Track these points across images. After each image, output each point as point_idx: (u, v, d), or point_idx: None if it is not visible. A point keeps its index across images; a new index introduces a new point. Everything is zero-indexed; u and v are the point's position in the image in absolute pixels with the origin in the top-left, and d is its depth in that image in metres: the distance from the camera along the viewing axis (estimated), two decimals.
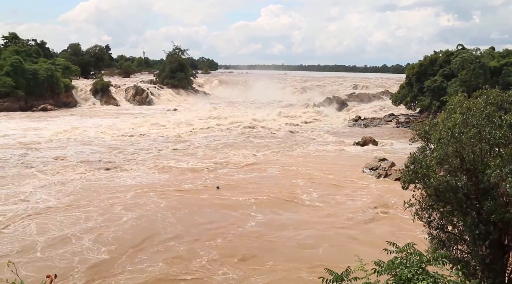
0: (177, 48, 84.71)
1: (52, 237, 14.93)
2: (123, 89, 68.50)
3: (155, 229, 15.98)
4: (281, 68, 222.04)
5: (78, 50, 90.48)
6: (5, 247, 13.81)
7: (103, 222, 16.50)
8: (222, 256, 14.00)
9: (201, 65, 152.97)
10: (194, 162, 26.63)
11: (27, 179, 21.82)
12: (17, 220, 16.24)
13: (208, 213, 17.93)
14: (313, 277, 11.64)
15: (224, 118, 46.74)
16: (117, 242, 14.71)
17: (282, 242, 15.35)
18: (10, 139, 32.54)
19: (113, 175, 23.34)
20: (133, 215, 17.29)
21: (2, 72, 53.13)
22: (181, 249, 14.43)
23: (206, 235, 15.64)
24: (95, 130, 37.52)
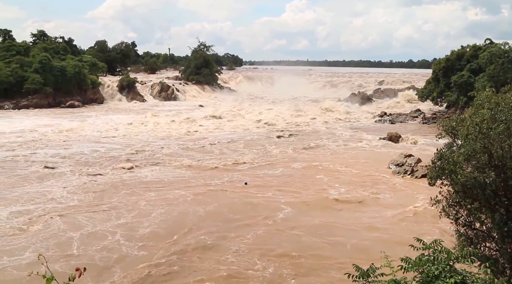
0: (202, 45, 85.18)
1: (86, 233, 15.09)
2: (148, 85, 69.02)
3: (186, 224, 16.09)
4: (306, 64, 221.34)
5: (105, 47, 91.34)
6: (40, 244, 13.93)
7: (134, 217, 16.67)
8: (253, 249, 14.12)
9: (226, 61, 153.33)
10: (219, 158, 26.70)
11: (52, 176, 22.04)
12: (48, 217, 16.37)
13: (237, 208, 18.02)
14: (341, 273, 11.61)
15: (248, 114, 46.79)
16: (151, 237, 14.85)
17: (310, 236, 15.37)
18: (39, 135, 33.08)
19: (136, 171, 23.45)
20: (162, 210, 17.42)
21: (31, 69, 53.97)
22: (213, 243, 14.55)
23: (236, 229, 15.75)
24: (122, 127, 38.00)
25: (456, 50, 49.36)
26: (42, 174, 22.40)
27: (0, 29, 74.42)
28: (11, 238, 14.41)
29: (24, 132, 34.31)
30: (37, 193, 19.17)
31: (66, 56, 62.21)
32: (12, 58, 56.74)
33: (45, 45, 62.37)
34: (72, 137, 32.78)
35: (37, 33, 71.47)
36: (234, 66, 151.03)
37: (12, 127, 36.85)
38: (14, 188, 19.76)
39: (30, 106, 51.95)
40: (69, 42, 73.36)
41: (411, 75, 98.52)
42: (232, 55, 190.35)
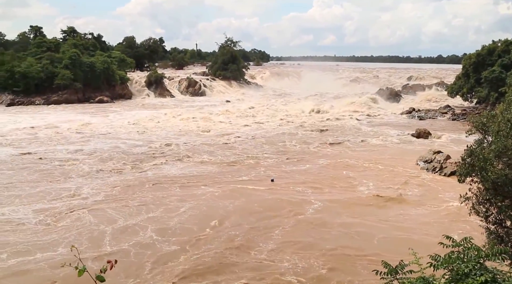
0: (229, 40, 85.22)
1: (117, 228, 15.24)
2: (176, 81, 69.49)
3: (216, 219, 16.15)
4: (333, 60, 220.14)
5: (133, 43, 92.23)
6: (72, 239, 14.02)
7: (163, 212, 16.79)
8: (283, 243, 14.22)
9: (253, 57, 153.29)
10: (244, 154, 26.74)
11: (74, 172, 22.20)
12: (77, 213, 16.53)
13: (265, 203, 18.03)
14: (370, 268, 11.56)
15: (273, 110, 46.80)
16: (183, 233, 14.94)
17: (338, 230, 15.40)
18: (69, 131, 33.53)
19: (160, 167, 23.52)
20: (190, 205, 17.52)
21: (61, 65, 54.84)
22: (244, 238, 14.63)
23: (266, 224, 15.81)
24: (151, 122, 38.36)
25: (487, 45, 48.44)
26: (65, 169, 22.54)
27: (32, 26, 75.86)
28: (42, 234, 14.53)
29: (46, 128, 34.70)
30: (62, 189, 19.28)
31: (95, 52, 63.02)
32: (43, 55, 57.73)
33: (75, 42, 63.25)
34: (96, 133, 33.18)
35: (67, 30, 72.40)
36: (261, 62, 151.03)
37: (35, 123, 37.57)
38: (37, 184, 19.87)
39: (60, 102, 52.85)
40: (98, 39, 74.18)
41: (440, 70, 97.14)
42: (259, 51, 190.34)
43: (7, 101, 51.67)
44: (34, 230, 14.81)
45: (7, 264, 12.42)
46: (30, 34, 77.45)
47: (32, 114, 43.95)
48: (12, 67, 52.97)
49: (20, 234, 14.42)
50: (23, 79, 52.65)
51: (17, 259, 12.68)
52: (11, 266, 12.35)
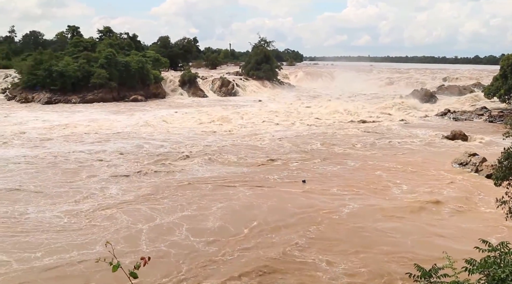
0: (263, 40, 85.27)
1: (152, 226, 15.29)
2: (209, 80, 69.85)
3: (250, 218, 16.16)
4: (367, 60, 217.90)
5: (167, 43, 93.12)
6: (108, 238, 13.98)
7: (195, 211, 16.87)
8: (318, 243, 14.18)
9: (286, 57, 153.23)
10: (274, 154, 26.65)
11: (100, 171, 22.22)
12: (110, 211, 16.63)
13: (299, 203, 17.94)
14: (401, 272, 11.47)
15: (305, 110, 46.60)
16: (217, 232, 14.99)
17: (373, 231, 15.28)
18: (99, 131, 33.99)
19: (188, 166, 23.43)
20: (222, 204, 17.55)
21: (97, 64, 55.77)
22: (279, 237, 14.61)
23: (300, 224, 15.75)
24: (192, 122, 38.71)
25: None
26: (91, 169, 22.53)
27: (69, 26, 77.53)
28: (77, 233, 14.60)
29: (74, 127, 35.01)
30: (89, 188, 19.27)
31: (130, 52, 63.91)
32: (80, 54, 58.89)
33: (111, 41, 64.23)
34: (124, 132, 33.39)
35: (103, 30, 73.62)
36: (295, 62, 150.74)
37: (62, 121, 38.26)
38: (64, 184, 19.90)
39: (95, 101, 53.75)
40: (133, 38, 75.15)
41: (477, 71, 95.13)
42: (293, 51, 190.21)
43: (45, 100, 52.85)
44: (68, 229, 14.90)
45: (43, 263, 12.53)
46: (68, 33, 79.24)
47: (62, 112, 44.84)
48: (50, 66, 54.13)
49: (54, 234, 14.49)
50: (60, 78, 53.74)
51: (53, 258, 12.77)
52: (47, 264, 12.44)
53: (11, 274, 11.87)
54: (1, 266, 12.23)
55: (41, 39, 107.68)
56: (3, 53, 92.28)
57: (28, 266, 12.29)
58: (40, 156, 24.98)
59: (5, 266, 12.21)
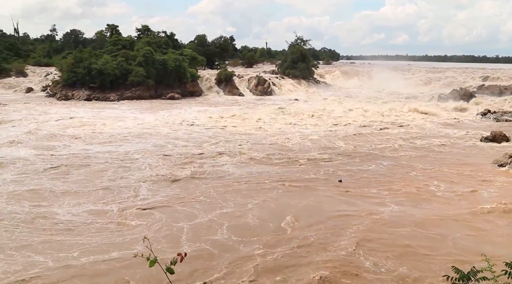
0: (299, 39, 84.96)
1: (191, 225, 15.26)
2: (245, 79, 69.89)
3: (285, 217, 16.04)
4: (405, 59, 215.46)
5: (204, 41, 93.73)
6: (151, 237, 13.40)
7: (233, 208, 16.87)
8: (358, 241, 14.06)
9: (323, 56, 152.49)
10: (305, 153, 26.45)
11: (127, 171, 21.94)
12: (146, 211, 16.59)
13: (336, 203, 17.80)
14: (441, 274, 11.26)
15: (340, 109, 46.21)
16: (256, 230, 14.96)
17: (413, 232, 15.06)
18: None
19: (218, 165, 23.24)
20: (258, 202, 17.53)
21: (135, 62, 56.55)
22: (317, 236, 14.52)
23: (338, 223, 15.62)
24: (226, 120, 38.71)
25: None
26: (119, 168, 22.31)
27: (108, 25, 79.05)
28: (115, 233, 14.54)
29: (105, 125, 35.06)
30: (120, 188, 19.08)
31: (168, 50, 64.53)
32: (118, 52, 59.86)
33: (149, 40, 65.06)
34: (155, 130, 33.47)
35: (141, 28, 74.67)
36: (331, 60, 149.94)
37: (92, 118, 38.78)
38: (92, 183, 19.75)
39: (133, 98, 54.49)
40: (171, 37, 75.97)
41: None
42: (329, 49, 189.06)
43: (84, 97, 53.96)
44: (103, 229, 14.85)
45: (80, 262, 12.54)
46: (107, 32, 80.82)
47: (96, 110, 45.59)
48: (89, 64, 55.13)
49: (88, 234, 14.46)
50: (99, 75, 54.68)
51: (89, 258, 12.75)
52: (84, 263, 12.44)
53: (48, 273, 11.90)
54: (37, 265, 12.25)
55: (81, 37, 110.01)
56: (45, 51, 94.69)
57: (64, 265, 12.27)
58: (63, 155, 24.90)
59: (41, 265, 12.23)
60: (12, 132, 31.32)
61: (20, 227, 14.84)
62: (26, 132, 31.12)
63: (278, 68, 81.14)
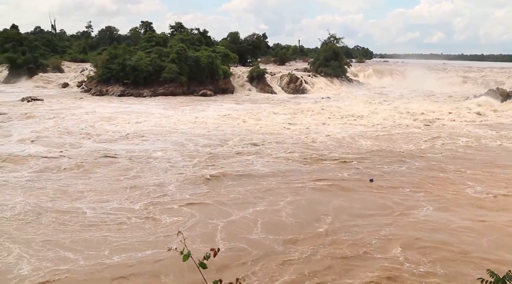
0: (332, 37, 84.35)
1: (225, 223, 15.23)
2: (277, 76, 69.70)
3: (319, 216, 16.03)
4: (440, 58, 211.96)
5: (237, 39, 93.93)
6: (186, 234, 13.43)
7: (266, 206, 16.85)
8: (394, 242, 13.98)
9: (356, 54, 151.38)
10: (340, 151, 26.34)
11: (152, 169, 21.59)
12: (176, 208, 16.58)
13: (368, 203, 17.66)
14: (475, 275, 11.09)
15: (372, 108, 45.74)
16: (293, 229, 14.87)
17: (448, 231, 14.93)
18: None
19: (246, 162, 23.17)
20: (289, 200, 17.48)
21: (168, 59, 57.02)
22: (351, 236, 14.40)
23: (371, 223, 15.49)
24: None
25: None
26: (143, 165, 22.17)
27: (143, 21, 79.88)
28: (148, 231, 14.45)
29: (137, 123, 34.89)
30: (147, 185, 18.92)
31: (201, 47, 64.81)
32: (152, 49, 60.49)
33: (182, 37, 65.43)
34: (183, 126, 33.54)
35: (175, 25, 75.13)
36: (364, 59, 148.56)
37: (121, 114, 39.19)
38: (118, 181, 19.57)
39: (166, 94, 55.08)
40: (204, 34, 76.18)
41: None
42: (362, 47, 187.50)
43: (118, 93, 54.88)
44: (133, 227, 14.77)
45: (112, 260, 12.44)
46: (141, 29, 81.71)
47: (126, 105, 46.15)
48: (123, 60, 55.90)
49: (117, 231, 14.36)
50: (133, 72, 55.41)
51: (121, 256, 12.69)
52: (117, 262, 12.38)
53: (80, 270, 11.89)
54: (68, 262, 12.25)
55: (116, 34, 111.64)
56: (80, 47, 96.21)
57: (95, 262, 12.29)
58: (86, 151, 24.85)
59: (73, 262, 12.25)
60: (38, 127, 31.84)
61: (46, 224, 14.88)
62: (51, 128, 31.61)
63: (311, 66, 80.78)
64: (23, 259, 12.36)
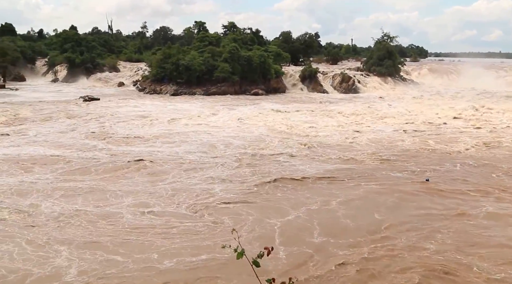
0: (386, 35, 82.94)
1: (284, 222, 15.14)
2: (330, 76, 69.12)
3: (375, 217, 15.82)
4: (498, 56, 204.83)
5: (289, 38, 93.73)
6: (244, 239, 13.37)
7: (319, 206, 16.72)
8: (455, 244, 13.66)
9: (410, 53, 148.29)
10: (393, 150, 25.90)
11: (198, 171, 21.19)
12: (229, 209, 16.39)
13: (423, 203, 17.31)
14: None
15: (424, 108, 44.69)
16: (351, 231, 14.66)
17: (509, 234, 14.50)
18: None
19: (290, 163, 22.82)
20: (341, 200, 17.30)
21: (220, 58, 57.59)
22: (413, 240, 14.06)
23: (428, 225, 15.16)
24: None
25: None
26: (180, 167, 21.73)
27: (196, 21, 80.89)
28: (198, 235, 14.05)
29: (185, 124, 34.55)
30: (190, 188, 18.49)
31: (253, 47, 65.10)
32: (205, 48, 61.23)
33: (235, 36, 65.90)
34: (228, 127, 33.55)
35: (227, 25, 75.79)
36: (419, 58, 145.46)
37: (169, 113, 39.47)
38: (156, 183, 19.13)
39: (218, 94, 55.77)
40: (256, 33, 76.40)
41: None
42: (417, 46, 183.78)
43: (171, 92, 56.07)
44: (182, 230, 14.39)
45: (163, 265, 12.14)
46: (194, 29, 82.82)
47: (178, 103, 46.95)
48: (177, 60, 56.92)
49: (165, 235, 13.96)
50: (186, 71, 56.34)
51: (173, 260, 12.34)
52: (169, 266, 12.09)
53: (130, 274, 11.71)
54: (118, 265, 12.09)
55: (170, 34, 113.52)
56: (136, 48, 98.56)
57: (145, 266, 12.05)
58: (128, 153, 24.71)
59: (122, 265, 12.06)
60: (79, 128, 32.10)
61: (90, 226, 14.58)
62: (98, 127, 32.19)
63: (363, 65, 79.75)
64: (72, 261, 12.21)
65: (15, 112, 38.14)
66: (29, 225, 14.64)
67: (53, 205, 16.39)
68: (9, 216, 15.26)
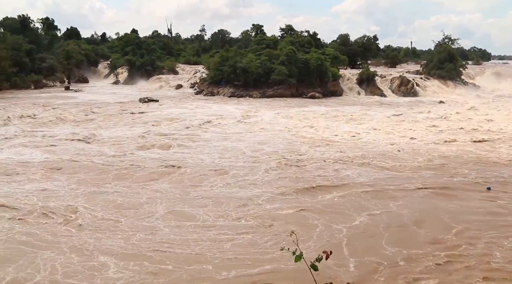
0: (447, 38, 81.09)
1: (350, 227, 14.95)
2: (388, 79, 67.97)
3: (440, 224, 15.50)
4: None
5: (347, 41, 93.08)
6: (307, 253, 13.25)
7: (381, 210, 16.51)
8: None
9: (472, 56, 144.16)
10: (453, 158, 24.89)
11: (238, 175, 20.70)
12: (281, 215, 15.98)
13: (489, 210, 16.80)
14: None
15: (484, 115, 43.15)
16: (420, 240, 14.28)
17: None
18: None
19: (338, 170, 22.01)
20: (400, 204, 17.09)
21: (277, 61, 57.69)
22: (476, 249, 13.61)
23: (497, 233, 14.68)
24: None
25: None
26: (218, 173, 21.15)
27: (254, 24, 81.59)
28: (257, 246, 13.62)
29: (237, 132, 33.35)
30: (235, 196, 17.99)
31: (310, 49, 64.89)
32: (262, 51, 61.58)
33: (292, 39, 66.07)
34: (282, 129, 33.16)
35: (285, 28, 76.05)
36: (481, 61, 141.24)
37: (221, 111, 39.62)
38: (198, 189, 18.68)
39: (274, 96, 55.84)
40: (314, 36, 76.21)
41: None
42: (479, 49, 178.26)
43: (228, 94, 56.69)
44: (239, 240, 13.99)
45: (221, 277, 11.88)
46: (252, 32, 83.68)
47: (239, 105, 46.98)
48: (234, 62, 57.48)
49: (218, 244, 13.66)
50: (243, 74, 56.79)
51: (231, 272, 12.10)
52: (230, 278, 11.80)
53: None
54: (172, 274, 11.87)
55: (228, 37, 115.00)
56: (194, 50, 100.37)
57: (202, 277, 11.77)
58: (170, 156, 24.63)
59: (177, 273, 11.86)
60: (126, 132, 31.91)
61: (137, 235, 14.20)
62: (151, 129, 32.37)
63: (423, 69, 78.07)
64: (122, 273, 11.85)
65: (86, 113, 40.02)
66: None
67: None
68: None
